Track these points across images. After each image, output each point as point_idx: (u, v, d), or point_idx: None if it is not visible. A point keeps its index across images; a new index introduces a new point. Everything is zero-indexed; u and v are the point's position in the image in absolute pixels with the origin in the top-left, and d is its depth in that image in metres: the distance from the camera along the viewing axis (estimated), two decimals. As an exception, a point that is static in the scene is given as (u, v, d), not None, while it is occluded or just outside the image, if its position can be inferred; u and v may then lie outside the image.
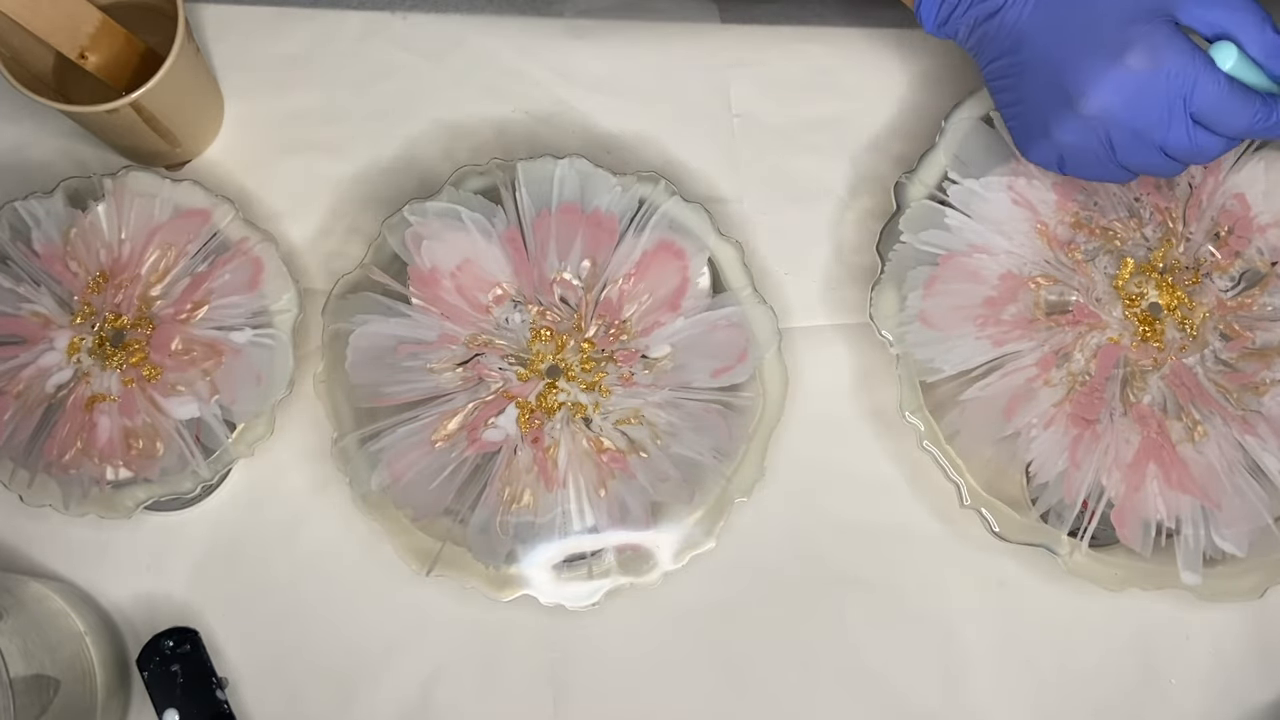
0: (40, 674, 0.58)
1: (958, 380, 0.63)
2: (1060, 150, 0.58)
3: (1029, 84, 0.57)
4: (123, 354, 0.62)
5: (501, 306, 0.63)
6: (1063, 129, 0.56)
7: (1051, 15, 0.56)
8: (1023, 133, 0.59)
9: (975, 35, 0.59)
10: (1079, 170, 0.59)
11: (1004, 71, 0.58)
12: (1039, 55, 0.56)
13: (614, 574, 0.63)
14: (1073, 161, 0.58)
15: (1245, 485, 0.61)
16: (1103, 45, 0.54)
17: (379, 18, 0.71)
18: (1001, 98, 0.59)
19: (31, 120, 0.69)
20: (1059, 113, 0.56)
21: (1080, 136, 0.56)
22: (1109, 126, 0.55)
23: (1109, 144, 0.56)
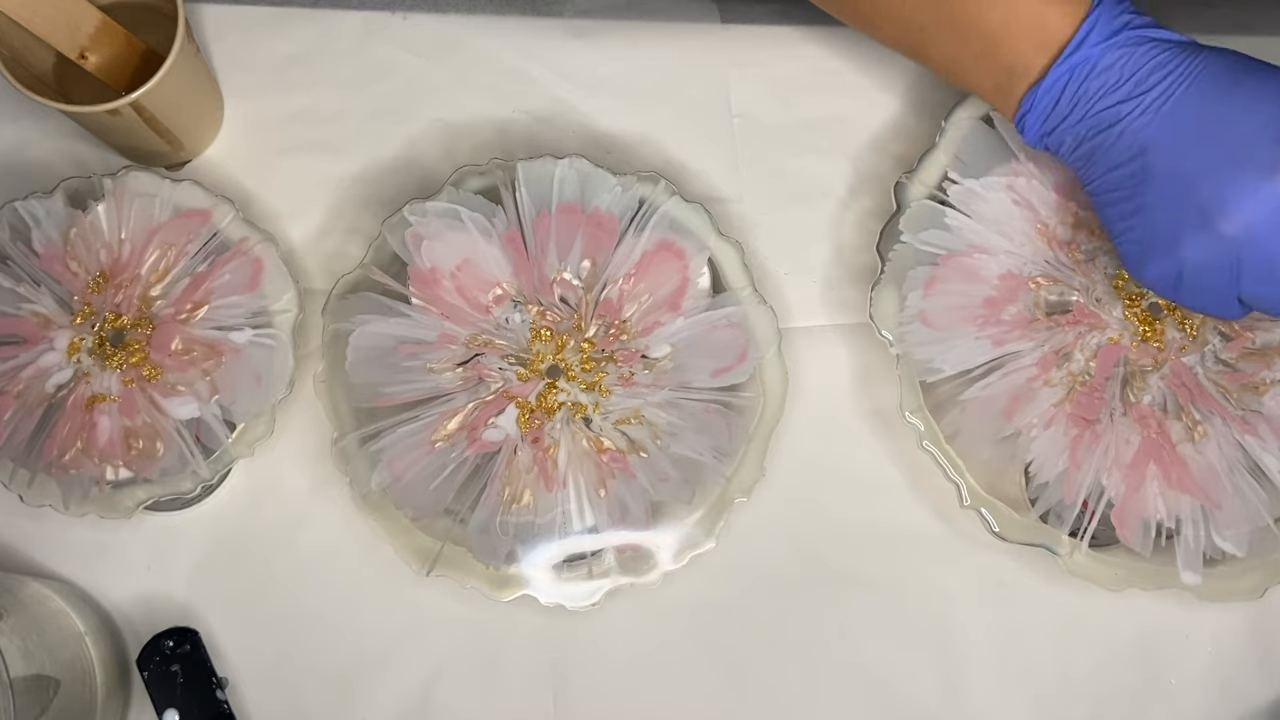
0: (40, 674, 0.58)
1: (958, 380, 0.63)
2: (1182, 269, 0.53)
3: (1154, 195, 0.53)
4: (123, 354, 0.62)
5: (501, 306, 0.63)
6: (1192, 246, 0.52)
7: (1185, 125, 0.52)
8: (1139, 248, 0.55)
9: (1086, 146, 0.56)
10: (1194, 294, 0.54)
11: (1121, 183, 0.55)
12: (1168, 166, 0.52)
13: (614, 574, 0.63)
14: (1191, 283, 0.54)
15: (1245, 485, 0.61)
16: (1251, 160, 0.50)
17: (379, 18, 0.71)
18: (1116, 210, 0.55)
19: (31, 120, 0.69)
20: (1189, 229, 0.52)
21: (1210, 255, 0.52)
22: (1245, 248, 0.51)
23: (1238, 268, 0.52)
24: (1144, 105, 0.53)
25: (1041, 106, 0.56)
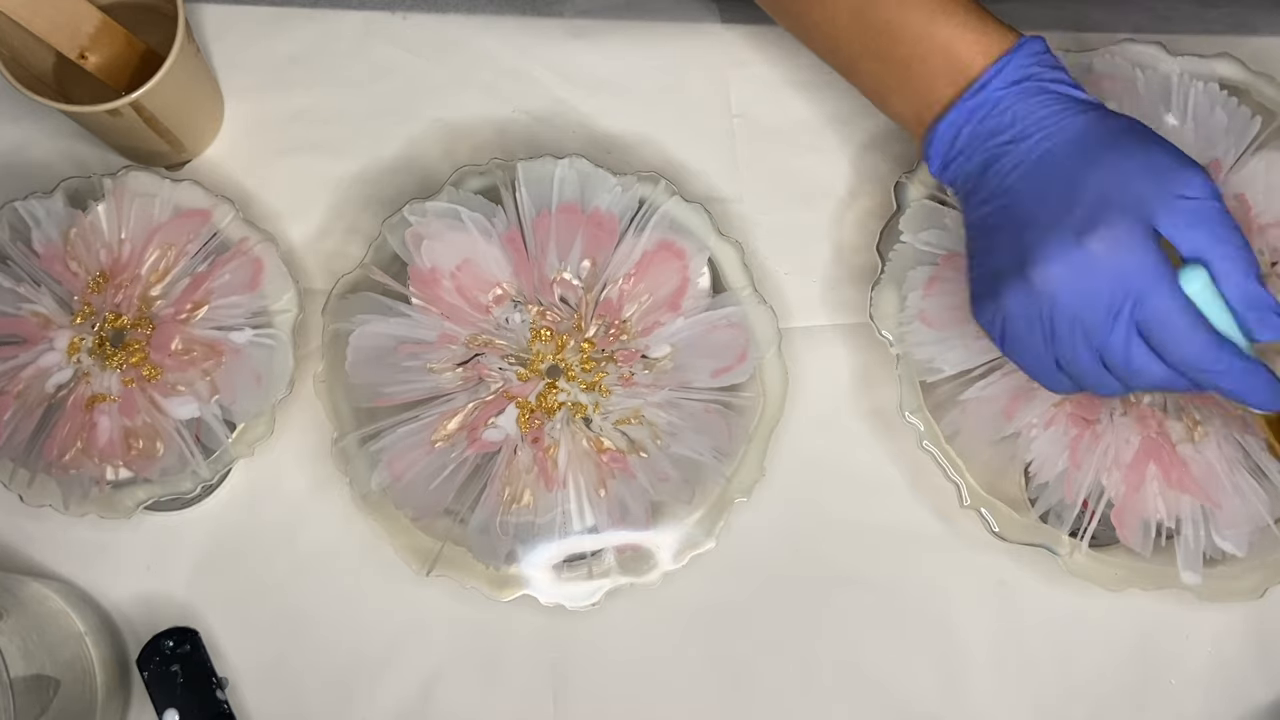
0: (40, 674, 0.58)
1: (958, 380, 0.63)
2: (1004, 316, 0.53)
3: (997, 239, 0.54)
4: (123, 354, 0.62)
5: (501, 306, 0.63)
6: (1009, 293, 0.52)
7: (1042, 178, 0.53)
8: (977, 288, 0.55)
9: (970, 184, 0.56)
10: (1017, 351, 0.54)
11: (981, 222, 0.55)
12: (1015, 213, 0.53)
13: (614, 574, 0.63)
14: (1012, 335, 0.54)
15: (1245, 485, 0.61)
16: (1070, 218, 0.51)
17: (379, 18, 0.71)
18: (972, 247, 0.56)
19: (31, 120, 0.69)
20: (1010, 275, 0.52)
21: (1023, 306, 0.52)
22: (1052, 305, 0.51)
23: (1050, 327, 0.52)
24: (1017, 153, 0.54)
25: (943, 140, 0.56)
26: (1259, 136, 0.63)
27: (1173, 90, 0.63)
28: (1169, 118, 0.63)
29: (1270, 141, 0.63)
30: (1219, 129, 0.63)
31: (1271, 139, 0.63)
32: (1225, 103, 0.63)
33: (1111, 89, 0.63)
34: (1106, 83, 0.63)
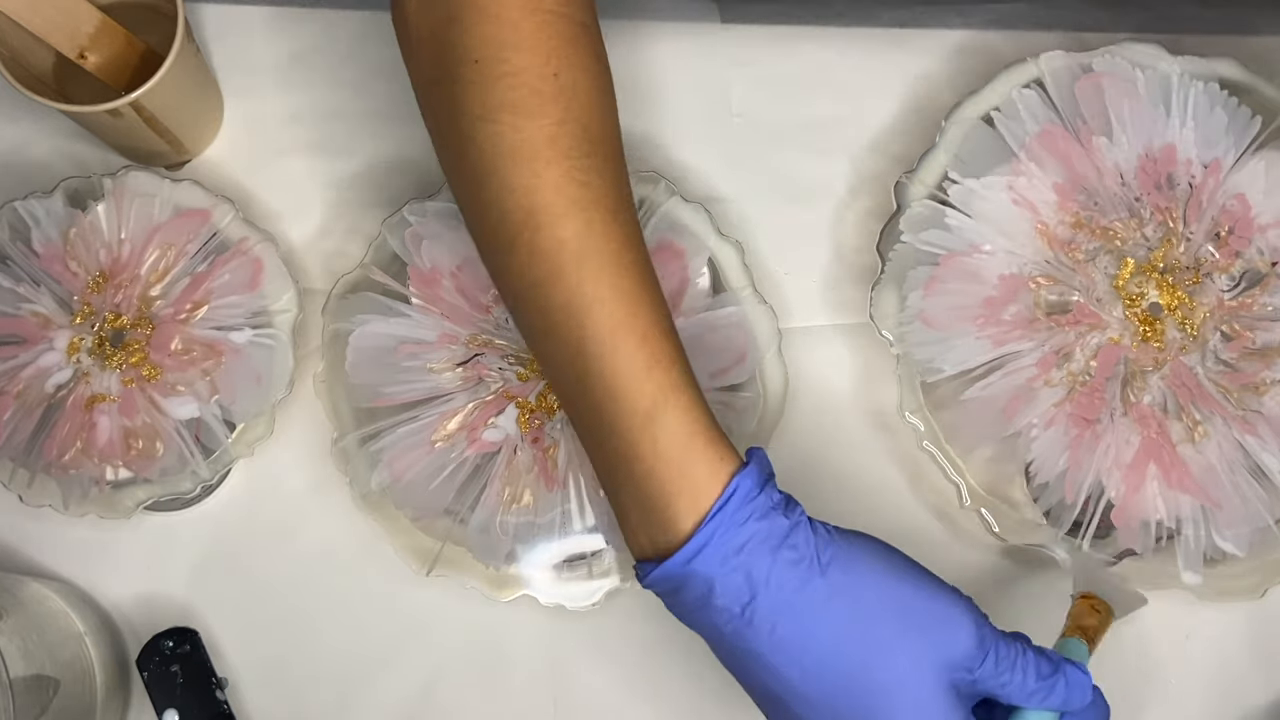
0: (40, 674, 0.58)
1: (958, 380, 0.62)
2: None
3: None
4: (123, 354, 0.62)
5: (501, 306, 0.63)
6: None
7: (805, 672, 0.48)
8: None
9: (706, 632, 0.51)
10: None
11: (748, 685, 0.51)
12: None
13: (614, 574, 0.62)
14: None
15: (1245, 485, 0.61)
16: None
17: (379, 17, 0.71)
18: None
19: (31, 120, 0.69)
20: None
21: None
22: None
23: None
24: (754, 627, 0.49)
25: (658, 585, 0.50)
26: (1259, 136, 0.63)
27: (1173, 90, 0.63)
28: (1169, 118, 0.63)
29: (1270, 141, 0.63)
30: (1219, 129, 0.63)
31: (1271, 139, 0.63)
32: (1225, 103, 0.63)
33: (1112, 89, 0.63)
34: (1106, 82, 0.63)
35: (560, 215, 0.50)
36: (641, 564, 0.50)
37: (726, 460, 0.49)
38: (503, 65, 0.51)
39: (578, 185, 0.50)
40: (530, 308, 0.51)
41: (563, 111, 0.51)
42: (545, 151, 0.50)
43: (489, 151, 0.51)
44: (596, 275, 0.49)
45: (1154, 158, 0.63)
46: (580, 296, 0.49)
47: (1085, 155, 0.63)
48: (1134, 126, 0.63)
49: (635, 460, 0.49)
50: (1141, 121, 0.63)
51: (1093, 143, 0.63)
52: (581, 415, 0.51)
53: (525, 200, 0.50)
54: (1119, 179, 0.63)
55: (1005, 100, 0.64)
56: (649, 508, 0.49)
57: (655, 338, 0.50)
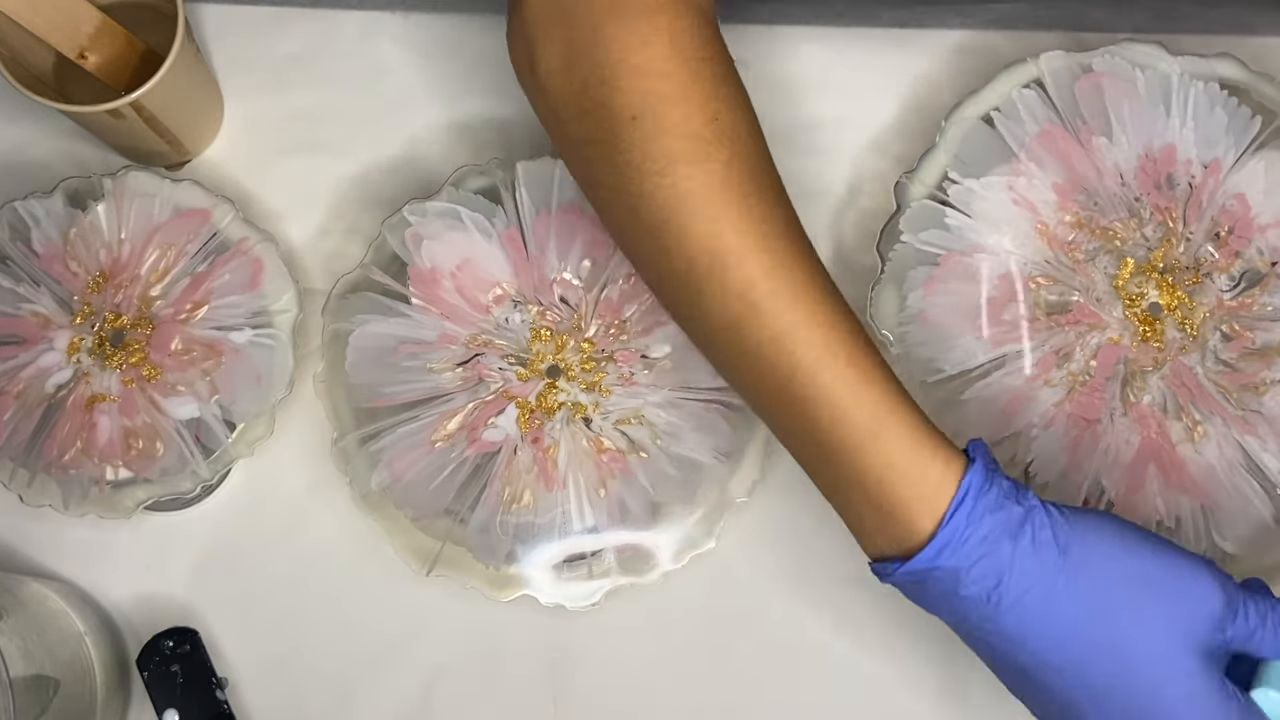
0: (40, 674, 0.58)
1: (958, 380, 0.63)
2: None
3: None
4: (123, 354, 0.62)
5: (501, 306, 0.63)
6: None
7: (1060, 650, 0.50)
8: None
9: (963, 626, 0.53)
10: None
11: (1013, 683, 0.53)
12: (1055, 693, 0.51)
13: (614, 574, 0.62)
14: None
15: (1245, 485, 0.61)
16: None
17: (379, 17, 0.71)
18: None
19: (31, 120, 0.69)
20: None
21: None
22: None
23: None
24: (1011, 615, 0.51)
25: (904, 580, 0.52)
26: (1259, 136, 0.63)
27: (1173, 90, 0.63)
28: (1169, 118, 0.63)
29: (1270, 141, 0.63)
30: (1219, 129, 0.63)
31: (1271, 139, 0.63)
32: (1225, 103, 0.63)
33: (1111, 89, 0.63)
34: (1106, 82, 0.63)
35: (747, 254, 0.51)
36: (882, 563, 0.52)
37: (953, 460, 0.51)
38: (663, 119, 0.52)
39: (756, 222, 0.52)
40: (727, 345, 0.53)
41: (729, 154, 0.52)
42: (720, 195, 0.52)
43: (664, 203, 0.52)
44: (793, 306, 0.51)
45: (1154, 158, 0.63)
46: (782, 328, 0.51)
47: (1085, 155, 0.63)
48: (1134, 126, 0.63)
49: (865, 473, 0.51)
50: (1141, 121, 0.63)
51: (1093, 143, 0.63)
52: (799, 439, 0.53)
53: (709, 244, 0.51)
54: (1119, 179, 0.63)
55: (1005, 100, 0.64)
56: (887, 514, 0.51)
57: (861, 356, 0.51)
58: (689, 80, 0.52)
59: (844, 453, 0.51)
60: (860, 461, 0.51)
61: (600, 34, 0.52)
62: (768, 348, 0.51)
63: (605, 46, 0.52)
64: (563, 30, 0.53)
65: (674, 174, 0.52)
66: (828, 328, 0.51)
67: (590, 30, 0.52)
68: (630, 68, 0.52)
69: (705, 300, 0.52)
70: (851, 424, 0.51)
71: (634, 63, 0.52)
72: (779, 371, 0.51)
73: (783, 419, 0.53)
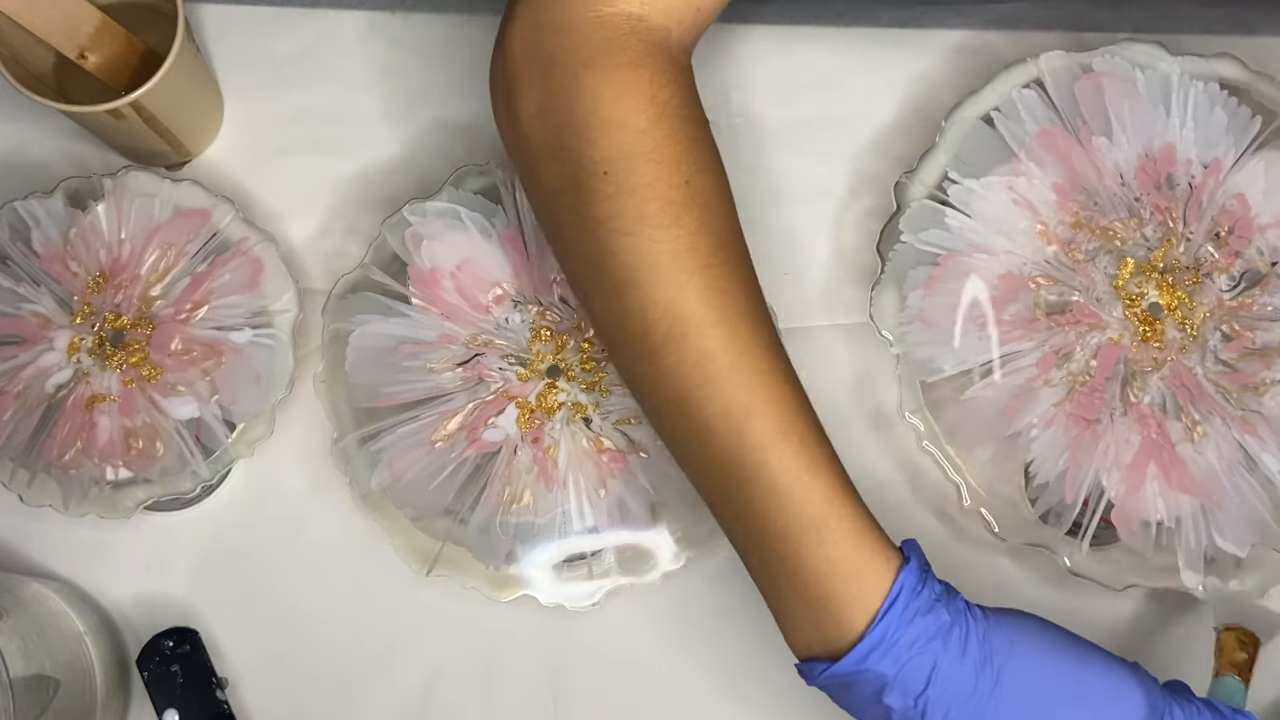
0: (40, 674, 0.58)
1: (958, 380, 0.62)
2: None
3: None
4: (123, 354, 0.62)
5: (501, 306, 0.63)
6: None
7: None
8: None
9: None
10: None
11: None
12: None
13: (614, 574, 0.62)
14: None
15: (1245, 485, 0.61)
16: None
17: (379, 17, 0.71)
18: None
19: (31, 120, 0.69)
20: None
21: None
22: None
23: None
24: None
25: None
26: (1259, 136, 0.63)
27: (1173, 90, 0.63)
28: (1169, 118, 0.63)
29: (1270, 141, 0.63)
30: (1219, 129, 0.63)
31: (1271, 139, 0.63)
32: (1225, 103, 0.63)
33: (1111, 89, 0.63)
34: (1106, 82, 0.63)
35: (708, 325, 0.50)
36: (809, 663, 0.50)
37: (890, 559, 0.50)
38: (635, 177, 0.50)
39: (719, 294, 0.51)
40: (677, 415, 0.51)
41: (697, 220, 0.51)
42: (686, 261, 0.50)
43: (629, 264, 0.51)
44: (749, 383, 0.50)
45: (1154, 158, 0.63)
46: (735, 405, 0.50)
47: (1085, 155, 0.63)
48: (1134, 126, 0.63)
49: (802, 565, 0.49)
50: (1141, 121, 0.63)
51: (1093, 143, 0.63)
52: (739, 521, 0.51)
53: (670, 310, 0.50)
54: (1119, 179, 0.63)
55: (1005, 100, 0.64)
56: (820, 608, 0.50)
57: (812, 443, 0.50)
58: (665, 138, 0.51)
59: (785, 541, 0.50)
60: (800, 552, 0.49)
61: (580, 83, 0.51)
62: (718, 422, 0.50)
63: (583, 96, 0.51)
64: (543, 75, 0.52)
65: (641, 235, 0.50)
66: (783, 411, 0.50)
67: (570, 78, 0.51)
68: (606, 120, 0.51)
69: (660, 367, 0.51)
70: (796, 513, 0.49)
71: (611, 115, 0.51)
72: (728, 448, 0.50)
73: (725, 497, 0.52)
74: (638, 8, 0.52)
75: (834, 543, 0.49)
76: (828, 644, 0.50)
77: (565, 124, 0.51)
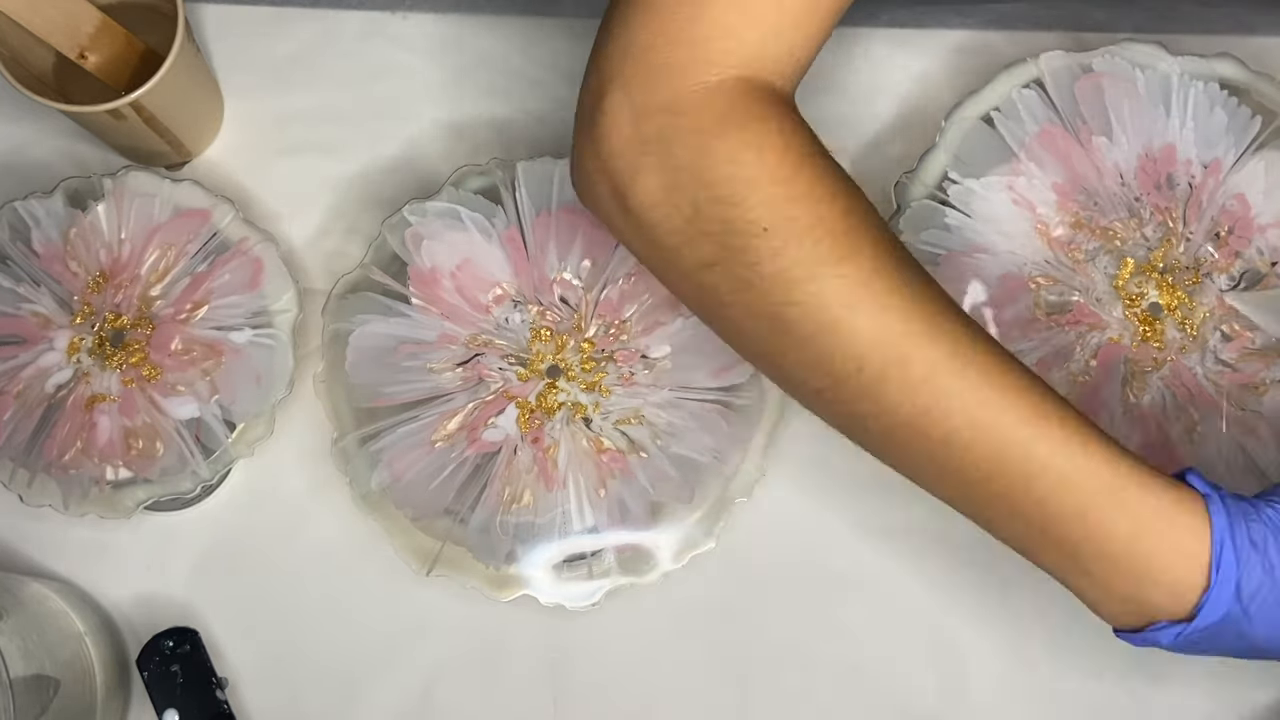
0: (40, 674, 0.58)
1: (958, 380, 0.62)
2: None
3: None
4: (123, 354, 0.62)
5: (501, 306, 0.63)
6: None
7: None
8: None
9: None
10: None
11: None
12: None
13: (614, 574, 0.63)
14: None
15: (1245, 486, 0.61)
16: None
17: (379, 17, 0.71)
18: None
19: (31, 120, 0.69)
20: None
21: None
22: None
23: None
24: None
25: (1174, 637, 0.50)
26: (1259, 136, 0.63)
27: (1173, 90, 0.63)
28: (1169, 118, 0.63)
29: (1270, 141, 0.63)
30: (1219, 129, 0.63)
31: (1271, 139, 0.63)
32: (1225, 103, 0.63)
33: (1111, 89, 0.63)
34: (1106, 82, 0.63)
35: (922, 339, 0.49)
36: (1150, 630, 0.49)
37: (1193, 502, 0.49)
38: (796, 223, 0.49)
39: (920, 307, 0.50)
40: (916, 438, 0.50)
41: (871, 244, 0.50)
42: (877, 288, 0.49)
43: (818, 307, 0.49)
44: (986, 382, 0.49)
45: (1154, 158, 0.63)
46: (980, 409, 0.49)
47: (1085, 155, 0.63)
48: (1134, 126, 0.63)
49: (1110, 538, 0.48)
50: (1141, 121, 0.63)
51: (1093, 143, 0.63)
52: (1019, 519, 0.50)
53: (880, 339, 0.49)
54: (1119, 179, 0.63)
55: (1005, 100, 0.64)
56: (1141, 577, 0.48)
57: (1071, 418, 0.49)
58: (812, 180, 0.50)
59: (1083, 519, 0.48)
60: (1104, 525, 0.48)
61: (711, 153, 0.50)
62: (967, 431, 0.49)
63: (716, 165, 0.50)
64: (659, 158, 0.50)
65: (823, 277, 0.49)
66: (1027, 396, 0.49)
67: (693, 152, 0.50)
68: (751, 180, 0.50)
69: (885, 399, 0.50)
70: (1087, 489, 0.48)
71: (754, 175, 0.50)
72: (985, 453, 0.49)
73: (996, 504, 0.50)
74: (743, 71, 0.51)
75: (1137, 505, 0.48)
76: (1164, 608, 0.49)
77: (701, 197, 0.50)
